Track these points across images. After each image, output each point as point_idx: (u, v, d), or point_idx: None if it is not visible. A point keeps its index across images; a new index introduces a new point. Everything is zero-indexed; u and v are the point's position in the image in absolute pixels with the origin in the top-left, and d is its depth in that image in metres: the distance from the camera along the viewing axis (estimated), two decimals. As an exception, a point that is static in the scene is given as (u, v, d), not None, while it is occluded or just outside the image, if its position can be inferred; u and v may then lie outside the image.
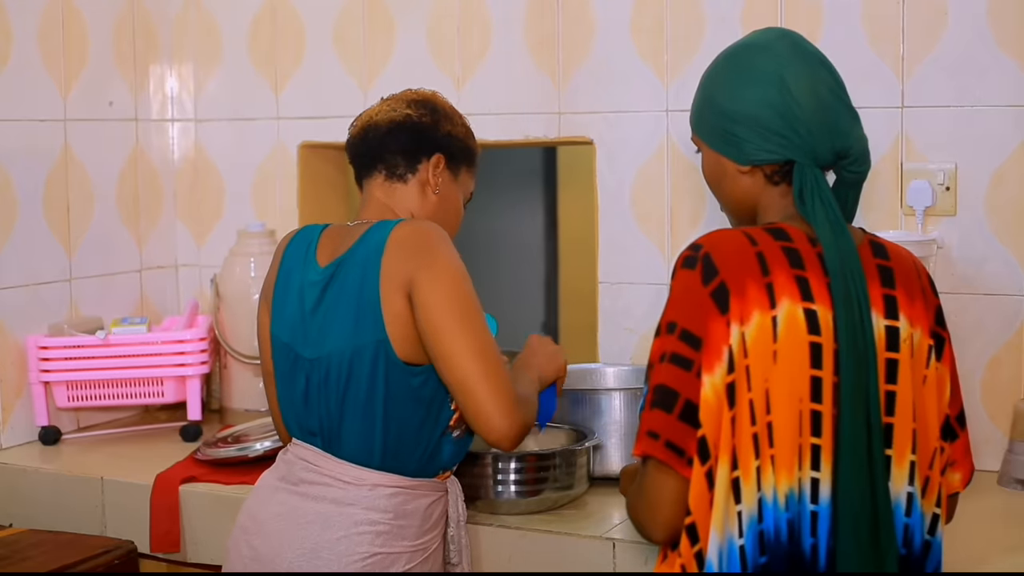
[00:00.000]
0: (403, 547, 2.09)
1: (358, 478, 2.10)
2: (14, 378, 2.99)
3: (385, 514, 2.08)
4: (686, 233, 2.84)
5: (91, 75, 3.18)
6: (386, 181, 2.21)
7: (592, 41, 2.94)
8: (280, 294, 2.21)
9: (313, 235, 2.21)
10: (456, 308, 2.02)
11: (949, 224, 2.62)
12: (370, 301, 2.06)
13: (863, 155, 1.81)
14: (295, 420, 2.18)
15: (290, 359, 2.17)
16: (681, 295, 1.72)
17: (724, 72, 1.84)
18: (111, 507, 2.72)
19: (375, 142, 2.21)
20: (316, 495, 2.11)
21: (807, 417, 1.68)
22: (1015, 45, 2.55)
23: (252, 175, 3.37)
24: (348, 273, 2.10)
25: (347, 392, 2.08)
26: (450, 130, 2.23)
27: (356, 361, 2.07)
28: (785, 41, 1.82)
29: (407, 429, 2.09)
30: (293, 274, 2.19)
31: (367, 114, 2.25)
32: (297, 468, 2.15)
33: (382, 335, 2.05)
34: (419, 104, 2.23)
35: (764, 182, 1.81)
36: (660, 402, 1.69)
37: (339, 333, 2.09)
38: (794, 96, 1.76)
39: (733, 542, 1.67)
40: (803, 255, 1.73)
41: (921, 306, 1.77)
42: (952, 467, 1.85)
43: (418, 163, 2.20)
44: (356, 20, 3.20)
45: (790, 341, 1.68)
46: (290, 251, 2.22)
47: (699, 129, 1.87)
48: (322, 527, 2.08)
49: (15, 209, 2.99)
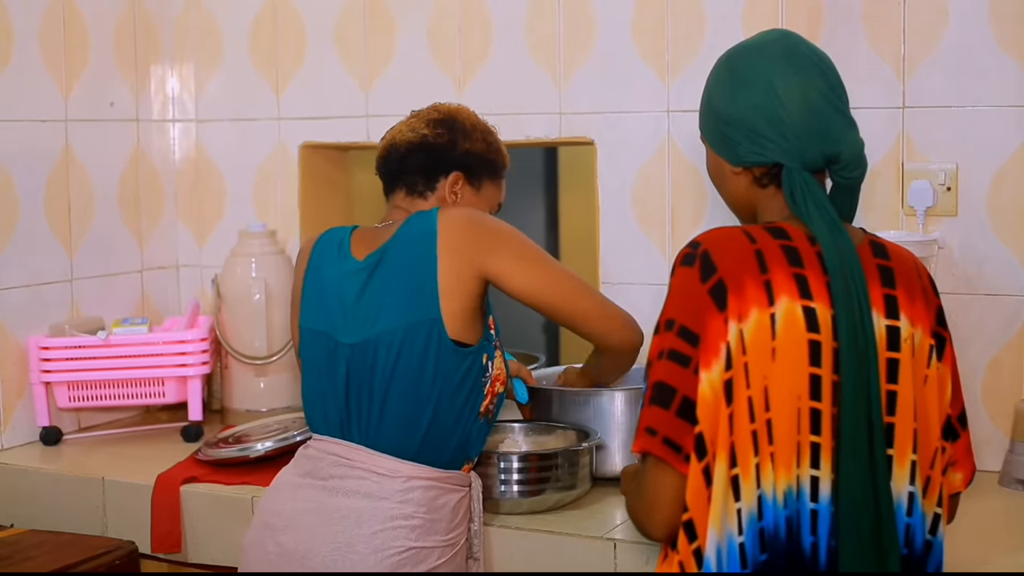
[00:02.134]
0: (435, 541, 2.12)
1: (393, 470, 2.12)
2: (15, 378, 2.99)
3: (419, 508, 2.11)
4: (687, 233, 2.84)
5: (92, 75, 3.19)
6: (407, 197, 2.30)
7: (593, 41, 2.94)
8: (311, 288, 2.25)
9: (343, 234, 2.28)
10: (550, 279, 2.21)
11: (950, 224, 2.62)
12: (425, 278, 2.13)
13: (855, 160, 1.80)
14: (323, 413, 2.21)
15: (327, 348, 2.20)
16: (679, 292, 1.72)
17: (721, 74, 1.86)
18: (112, 507, 2.72)
19: (395, 163, 2.30)
20: (347, 490, 2.13)
21: (806, 415, 1.68)
22: (1016, 45, 2.55)
23: (253, 175, 3.37)
24: (395, 257, 2.17)
25: (394, 374, 2.13)
26: (468, 147, 2.30)
27: (407, 341, 2.12)
28: (781, 44, 1.82)
29: (448, 414, 2.14)
30: (324, 269, 2.25)
31: (391, 132, 2.34)
32: (325, 464, 2.17)
33: (436, 313, 2.12)
34: (437, 123, 2.31)
35: (754, 183, 1.82)
36: (658, 399, 1.70)
37: (390, 313, 2.14)
38: (781, 100, 1.77)
39: (732, 539, 1.67)
40: (802, 253, 1.73)
41: (922, 306, 1.77)
42: (953, 467, 1.85)
43: (436, 182, 2.30)
44: (357, 20, 3.20)
45: (789, 338, 1.69)
46: (318, 250, 2.28)
47: (702, 128, 1.89)
48: (356, 522, 2.10)
49: (16, 209, 2.99)
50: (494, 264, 2.16)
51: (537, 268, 2.20)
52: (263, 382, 3.16)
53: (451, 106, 2.37)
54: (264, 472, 2.67)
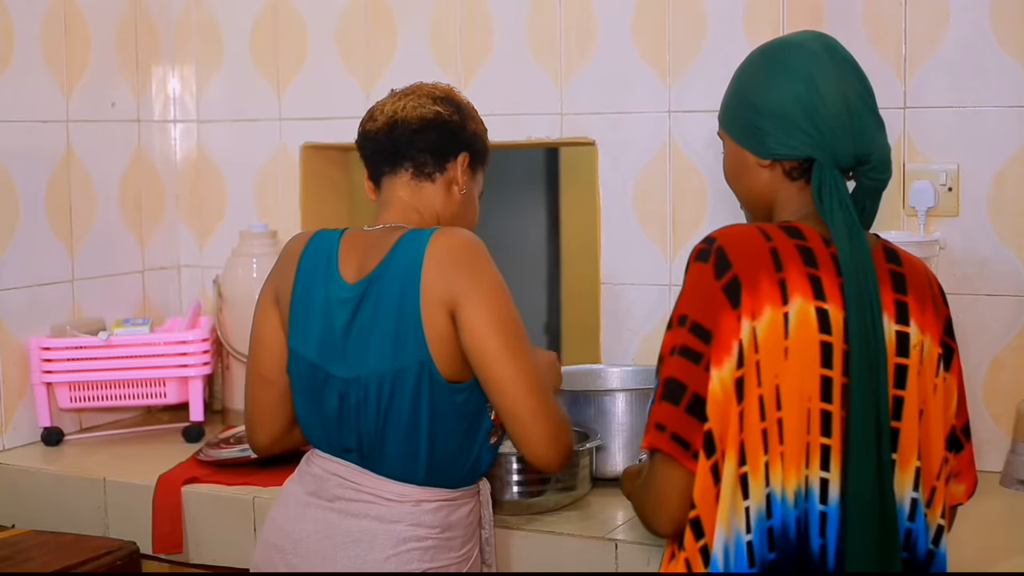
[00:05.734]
0: (451, 559, 2.05)
1: (401, 495, 2.04)
2: (16, 379, 2.99)
3: (432, 529, 2.04)
4: (688, 234, 2.84)
5: (93, 76, 3.19)
6: (413, 179, 2.14)
7: (594, 42, 2.94)
8: (299, 308, 2.11)
9: (331, 244, 2.12)
10: (504, 333, 1.97)
11: (951, 225, 2.62)
12: (411, 320, 1.99)
13: (884, 163, 1.81)
14: (324, 436, 2.10)
15: (319, 378, 2.08)
16: (693, 288, 1.72)
17: (757, 66, 1.84)
18: (113, 508, 2.72)
19: (404, 139, 2.13)
20: (356, 512, 2.05)
21: (816, 416, 1.68)
22: (1017, 46, 2.54)
23: (254, 176, 3.37)
24: (383, 290, 2.02)
25: (389, 412, 2.02)
26: (475, 128, 2.18)
27: (399, 382, 2.00)
28: (819, 42, 1.82)
29: (450, 445, 2.04)
30: (314, 288, 2.09)
31: (389, 109, 2.15)
32: (330, 484, 2.08)
33: (425, 355, 1.99)
34: (445, 101, 2.16)
35: (782, 177, 1.81)
36: (668, 395, 1.69)
37: (378, 354, 2.01)
38: (821, 95, 1.77)
39: (740, 537, 1.67)
40: (817, 254, 1.73)
41: (932, 315, 1.77)
42: (956, 478, 1.85)
43: (446, 162, 2.14)
44: (358, 21, 3.20)
45: (801, 338, 1.68)
46: (306, 259, 2.12)
47: (725, 121, 1.88)
48: (369, 546, 2.02)
49: (17, 210, 2.99)
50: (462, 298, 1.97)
51: (499, 327, 1.97)
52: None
53: (443, 85, 2.22)
54: (265, 473, 2.67)
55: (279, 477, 2.61)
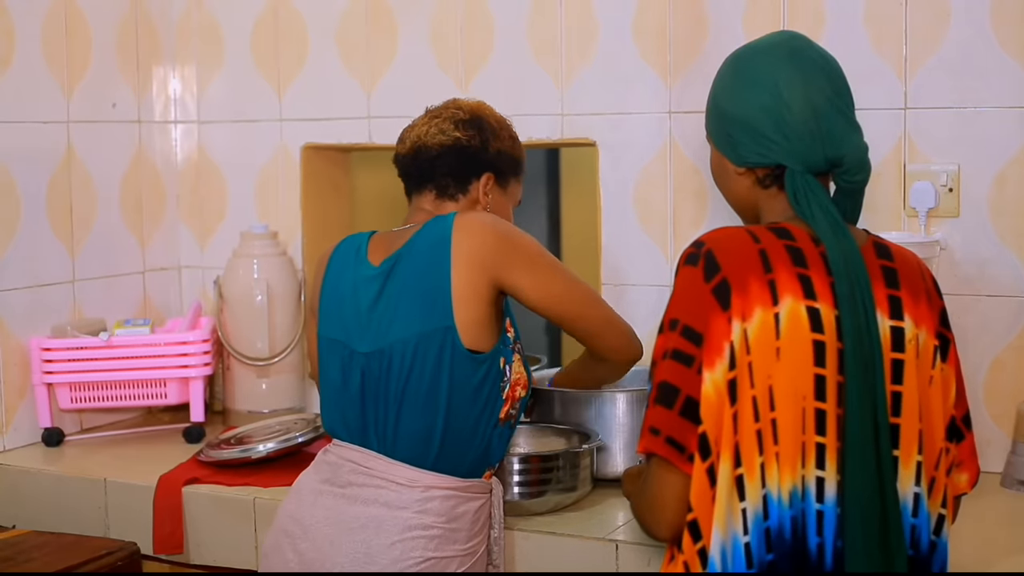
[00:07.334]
0: (455, 551, 2.10)
1: (412, 480, 2.10)
2: (17, 380, 2.99)
3: (438, 518, 2.09)
4: (688, 234, 2.84)
5: (94, 77, 3.19)
6: (437, 199, 2.26)
7: (595, 43, 2.94)
8: (329, 295, 2.23)
9: (361, 240, 2.26)
10: (564, 292, 2.19)
11: (952, 225, 2.62)
12: (438, 286, 2.10)
13: (859, 165, 1.80)
14: (343, 420, 2.19)
15: (343, 356, 2.18)
16: (683, 292, 1.72)
17: (727, 75, 1.86)
18: (114, 509, 2.72)
19: (426, 164, 2.25)
20: (366, 498, 2.11)
21: (811, 415, 1.68)
22: (1018, 46, 2.54)
23: (255, 177, 3.37)
24: (410, 264, 2.14)
25: (408, 383, 2.11)
26: (499, 148, 2.29)
27: (420, 350, 2.10)
28: (787, 46, 1.82)
29: (466, 423, 2.12)
30: (344, 275, 2.22)
31: (416, 132, 2.28)
32: (344, 470, 2.15)
33: (450, 322, 2.09)
34: (467, 125, 2.26)
35: (758, 183, 1.82)
36: (662, 399, 1.70)
37: (404, 322, 2.12)
38: (786, 102, 1.77)
39: (738, 539, 1.67)
40: (806, 254, 1.73)
41: (926, 307, 1.77)
42: (959, 468, 1.85)
43: (468, 184, 2.27)
44: (358, 22, 3.20)
45: (793, 338, 1.68)
46: (336, 256, 2.26)
47: (707, 127, 1.89)
48: (375, 532, 2.08)
49: (18, 211, 2.99)
50: (510, 276, 2.13)
51: (552, 280, 2.18)
52: (265, 383, 3.17)
53: (472, 103, 2.33)
54: (266, 473, 2.67)
55: (279, 478, 2.63)
